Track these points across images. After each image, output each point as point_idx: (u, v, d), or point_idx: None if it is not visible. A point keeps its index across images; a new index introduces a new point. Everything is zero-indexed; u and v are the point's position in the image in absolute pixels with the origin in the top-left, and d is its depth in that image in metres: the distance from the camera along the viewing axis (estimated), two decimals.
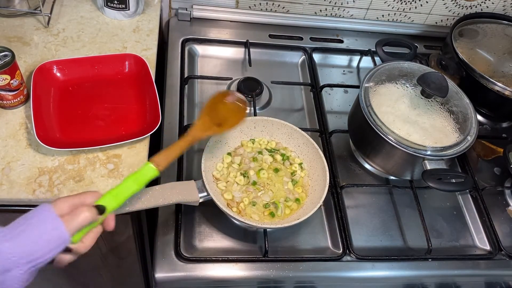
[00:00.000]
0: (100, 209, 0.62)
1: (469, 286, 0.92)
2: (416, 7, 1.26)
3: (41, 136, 0.81)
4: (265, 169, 0.88)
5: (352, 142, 1.02)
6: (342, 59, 1.23)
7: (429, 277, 0.88)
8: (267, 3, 1.22)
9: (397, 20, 1.30)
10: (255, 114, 1.00)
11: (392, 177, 1.00)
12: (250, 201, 0.84)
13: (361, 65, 1.23)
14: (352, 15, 1.27)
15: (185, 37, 1.16)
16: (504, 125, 1.18)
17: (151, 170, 0.69)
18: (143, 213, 0.97)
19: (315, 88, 1.11)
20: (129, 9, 1.07)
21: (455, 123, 0.90)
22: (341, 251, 0.86)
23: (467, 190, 1.00)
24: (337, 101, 1.12)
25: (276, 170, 0.89)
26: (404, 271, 0.87)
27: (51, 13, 1.04)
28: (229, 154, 0.90)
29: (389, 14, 1.28)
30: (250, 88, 1.05)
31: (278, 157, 0.91)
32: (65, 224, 0.57)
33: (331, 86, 1.12)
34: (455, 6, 1.26)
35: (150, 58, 1.02)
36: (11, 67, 0.82)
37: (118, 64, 0.98)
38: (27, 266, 0.55)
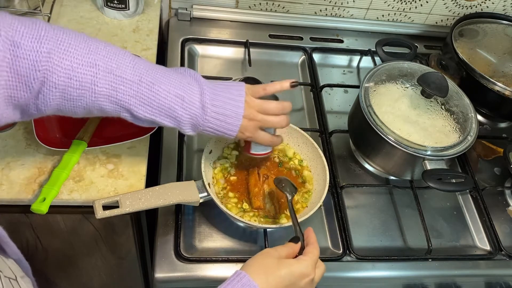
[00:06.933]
0: None
1: (469, 286, 0.92)
2: (416, 7, 1.26)
3: (41, 136, 0.81)
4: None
5: (352, 142, 1.02)
6: (342, 59, 1.23)
7: (429, 277, 0.88)
8: (267, 3, 1.22)
9: (397, 20, 1.30)
10: None
11: (392, 177, 1.00)
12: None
13: (361, 65, 1.23)
14: (352, 15, 1.27)
15: (185, 37, 1.16)
16: (504, 125, 1.17)
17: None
18: (143, 213, 0.97)
19: (315, 88, 1.11)
20: (129, 9, 1.07)
21: (455, 123, 0.90)
22: (341, 251, 0.86)
23: (467, 190, 1.00)
24: (337, 101, 1.12)
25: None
26: (404, 271, 0.87)
27: (51, 13, 1.04)
28: (228, 152, 0.91)
29: (389, 14, 1.28)
30: None
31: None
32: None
33: (331, 86, 1.12)
34: (455, 6, 1.26)
35: (150, 58, 1.02)
36: None
37: None
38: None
